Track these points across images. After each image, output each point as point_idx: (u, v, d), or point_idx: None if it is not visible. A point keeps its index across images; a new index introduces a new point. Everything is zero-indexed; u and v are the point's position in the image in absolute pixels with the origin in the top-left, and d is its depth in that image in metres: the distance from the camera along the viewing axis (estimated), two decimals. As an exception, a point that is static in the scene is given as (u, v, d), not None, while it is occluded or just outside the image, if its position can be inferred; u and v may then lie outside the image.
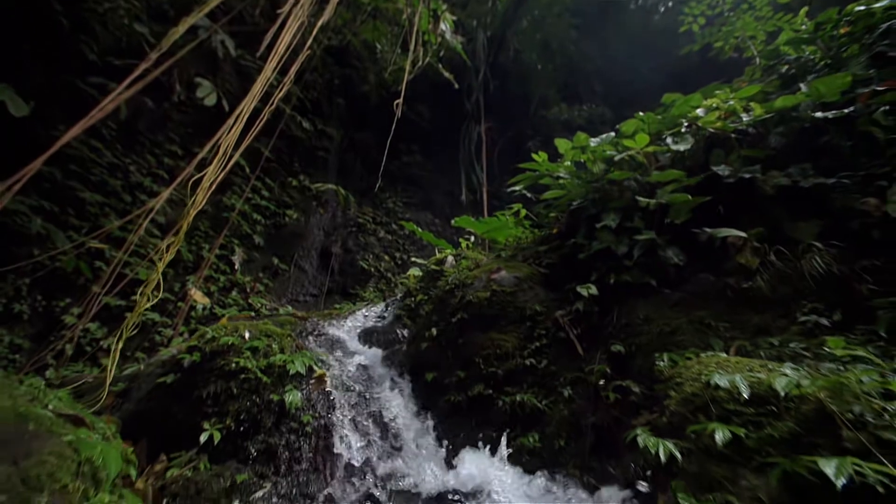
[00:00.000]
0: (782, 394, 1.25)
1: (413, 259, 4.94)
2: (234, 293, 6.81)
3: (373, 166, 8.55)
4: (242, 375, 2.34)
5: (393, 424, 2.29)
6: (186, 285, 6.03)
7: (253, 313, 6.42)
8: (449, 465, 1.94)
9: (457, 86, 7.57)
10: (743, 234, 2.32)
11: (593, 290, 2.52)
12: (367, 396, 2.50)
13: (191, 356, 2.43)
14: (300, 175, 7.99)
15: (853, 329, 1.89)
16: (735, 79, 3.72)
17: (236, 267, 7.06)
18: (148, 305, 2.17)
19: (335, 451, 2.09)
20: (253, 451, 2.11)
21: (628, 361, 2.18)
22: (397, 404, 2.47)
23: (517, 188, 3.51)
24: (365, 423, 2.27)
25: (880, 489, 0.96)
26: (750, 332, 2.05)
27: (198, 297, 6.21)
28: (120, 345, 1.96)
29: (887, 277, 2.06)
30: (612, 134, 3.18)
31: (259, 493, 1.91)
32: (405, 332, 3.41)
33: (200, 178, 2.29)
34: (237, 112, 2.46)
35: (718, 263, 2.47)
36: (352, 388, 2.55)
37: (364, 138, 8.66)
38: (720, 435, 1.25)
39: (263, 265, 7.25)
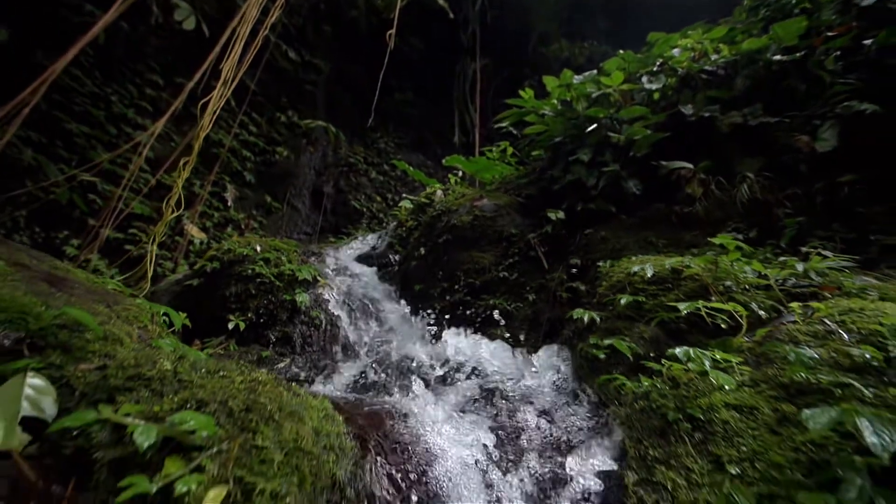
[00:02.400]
0: (668, 268, 1.77)
1: (404, 195, 5.32)
2: (229, 229, 7.20)
3: (363, 103, 8.52)
4: (258, 279, 2.83)
5: (386, 320, 2.86)
6: (182, 220, 6.38)
7: (250, 247, 6.85)
8: (432, 343, 2.52)
9: (452, 15, 7.37)
10: (691, 167, 2.75)
11: (561, 215, 2.99)
12: (365, 301, 3.05)
13: (212, 264, 2.90)
14: (288, 111, 7.99)
15: (764, 243, 2.41)
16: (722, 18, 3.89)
17: (229, 203, 7.37)
18: (173, 216, 2.57)
19: (340, 336, 2.66)
20: (272, 337, 2.67)
21: (582, 271, 2.71)
22: (390, 307, 3.03)
23: (504, 124, 3.82)
24: (364, 318, 2.82)
25: (705, 314, 1.50)
26: (682, 246, 2.56)
27: (194, 231, 6.62)
28: (155, 246, 2.40)
29: (803, 203, 2.54)
30: (595, 72, 3.43)
31: (281, 365, 2.49)
32: (397, 257, 3.90)
33: (207, 101, 2.56)
34: (236, 34, 2.65)
35: (671, 193, 2.92)
36: (352, 294, 3.09)
37: (354, 72, 8.52)
38: (624, 300, 1.79)
39: (256, 203, 7.56)
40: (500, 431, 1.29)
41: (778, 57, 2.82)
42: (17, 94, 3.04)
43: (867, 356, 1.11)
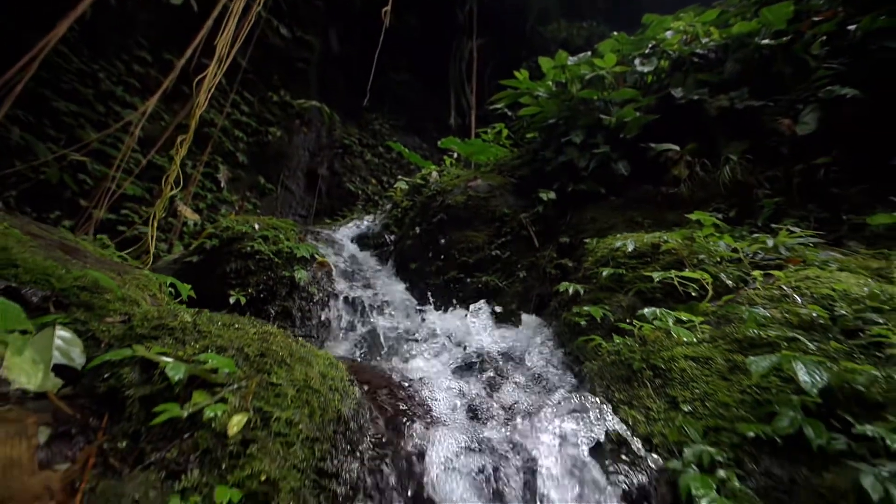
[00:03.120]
0: (648, 243, 1.91)
1: (399, 177, 5.39)
2: (223, 210, 7.23)
3: (357, 84, 8.45)
4: (258, 256, 2.94)
5: (383, 296, 2.99)
6: (175, 201, 6.40)
7: (245, 229, 6.92)
8: (427, 317, 2.67)
9: (448, -8, 7.27)
10: (677, 149, 2.86)
11: (552, 195, 3.10)
12: (361, 278, 3.17)
13: (211, 241, 3.00)
14: (280, 90, 7.92)
15: (743, 222, 2.56)
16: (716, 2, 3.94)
17: (222, 185, 7.37)
18: (172, 193, 2.66)
19: (338, 311, 2.80)
20: (272, 311, 2.79)
21: (571, 249, 2.84)
22: (386, 284, 3.16)
23: (498, 106, 3.88)
24: (360, 294, 2.96)
25: (677, 283, 1.65)
26: (666, 225, 2.70)
27: (187, 213, 6.65)
28: (156, 221, 2.49)
29: (782, 185, 2.68)
30: (589, 53, 3.49)
31: (281, 336, 2.62)
32: (392, 237, 4.02)
33: (203, 78, 2.61)
34: (229, 10, 2.68)
35: (659, 175, 3.04)
36: (348, 272, 3.21)
37: (347, 51, 8.42)
38: (606, 272, 1.93)
39: (250, 184, 7.57)
40: (486, 383, 1.45)
41: (766, 41, 2.91)
42: (4, 73, 3.04)
43: (814, 315, 1.27)
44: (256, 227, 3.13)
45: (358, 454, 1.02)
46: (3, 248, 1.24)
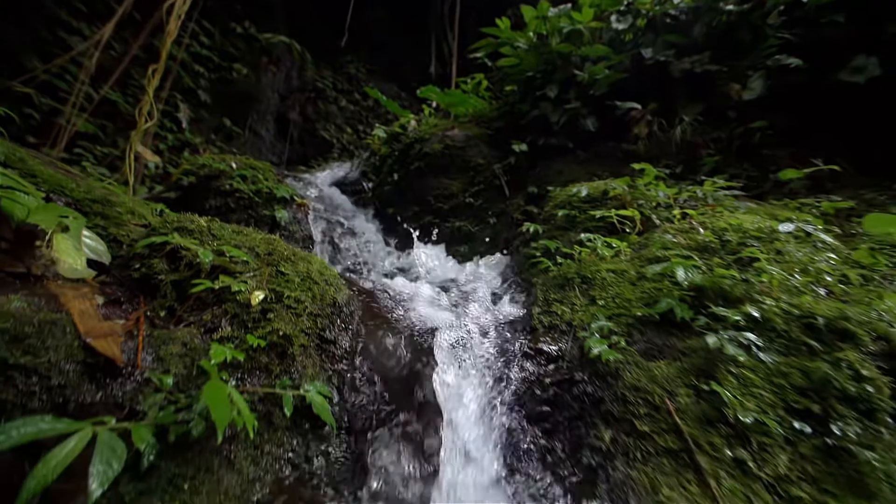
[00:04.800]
0: (599, 189, 2.27)
1: (377, 125, 5.46)
2: (185, 153, 7.04)
3: (331, 20, 8.07)
4: (237, 194, 3.10)
5: (362, 237, 3.27)
6: (133, 141, 6.18)
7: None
8: (404, 256, 2.99)
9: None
10: (640, 107, 3.19)
11: (524, 147, 3.39)
12: (341, 220, 3.42)
13: (188, 178, 3.11)
14: (244, 21, 7.48)
15: (687, 177, 2.97)
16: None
17: (184, 125, 7.11)
18: (147, 125, 2.73)
19: (319, 250, 3.06)
20: (254, 247, 3.02)
21: (538, 198, 3.19)
22: (365, 226, 3.43)
23: (479, 55, 4.01)
24: (340, 234, 3.22)
25: (616, 220, 2.04)
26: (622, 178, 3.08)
27: (147, 154, 6.47)
28: (133, 153, 2.60)
29: (724, 145, 3.09)
30: (570, 5, 3.64)
31: (265, 270, 2.87)
32: (370, 185, 4.22)
33: (173, 4, 2.60)
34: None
35: (623, 132, 3.38)
36: (328, 213, 3.44)
37: (320, -19, 7.93)
38: (561, 213, 2.30)
39: (214, 126, 7.33)
40: (457, 296, 1.81)
41: (731, 7, 3.18)
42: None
43: (708, 240, 1.68)
44: (234, 165, 3.26)
45: (350, 331, 1.36)
46: (21, 160, 1.41)
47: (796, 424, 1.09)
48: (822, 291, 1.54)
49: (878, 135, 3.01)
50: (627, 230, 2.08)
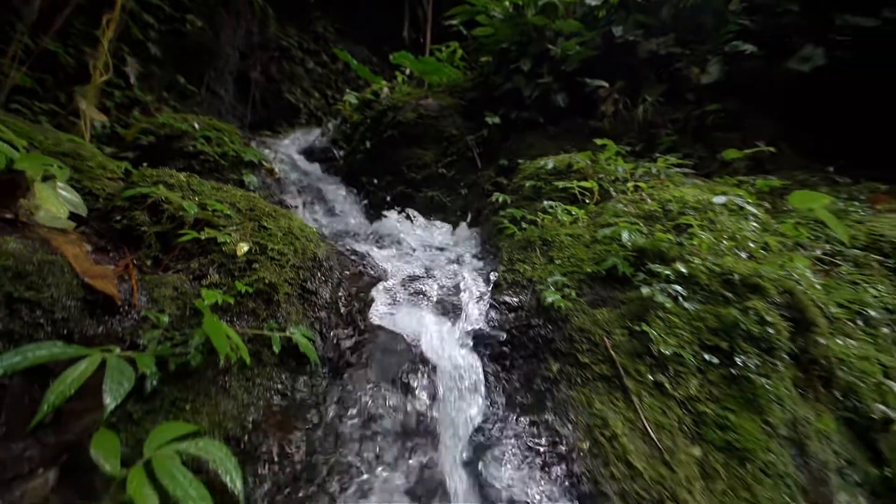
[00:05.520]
0: (564, 163, 2.48)
1: (349, 91, 5.38)
2: (135, 112, 6.60)
3: (296, -28, 7.63)
4: (202, 157, 3.06)
5: (334, 204, 3.34)
6: (75, 97, 5.76)
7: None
8: (376, 223, 3.11)
9: None
10: (607, 85, 3.39)
11: (497, 120, 3.53)
12: (312, 188, 3.46)
13: (147, 137, 3.03)
14: (198, -34, 6.93)
15: (645, 155, 3.24)
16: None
17: (132, 81, 6.64)
18: (102, 80, 2.63)
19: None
20: (222, 212, 3.02)
21: (508, 171, 3.37)
22: (336, 194, 3.49)
23: (454, 22, 4.04)
24: (311, 201, 3.27)
25: (577, 191, 2.26)
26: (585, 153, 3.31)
27: (93, 112, 6.06)
28: (82, 101, 2.51)
29: (681, 126, 3.38)
30: (546, -23, 3.72)
31: (234, 235, 2.91)
32: (341, 153, 4.23)
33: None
34: None
35: (591, 109, 3.59)
36: (298, 181, 3.46)
37: (284, -73, 7.44)
38: (528, 184, 2.49)
39: (166, 83, 6.89)
40: (427, 258, 1.98)
41: (694, -10, 3.39)
42: None
43: (652, 209, 1.93)
44: (196, 126, 3.19)
45: (330, 284, 1.50)
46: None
47: (707, 357, 1.37)
48: (743, 255, 1.83)
49: (816, 121, 3.39)
50: (587, 200, 2.31)
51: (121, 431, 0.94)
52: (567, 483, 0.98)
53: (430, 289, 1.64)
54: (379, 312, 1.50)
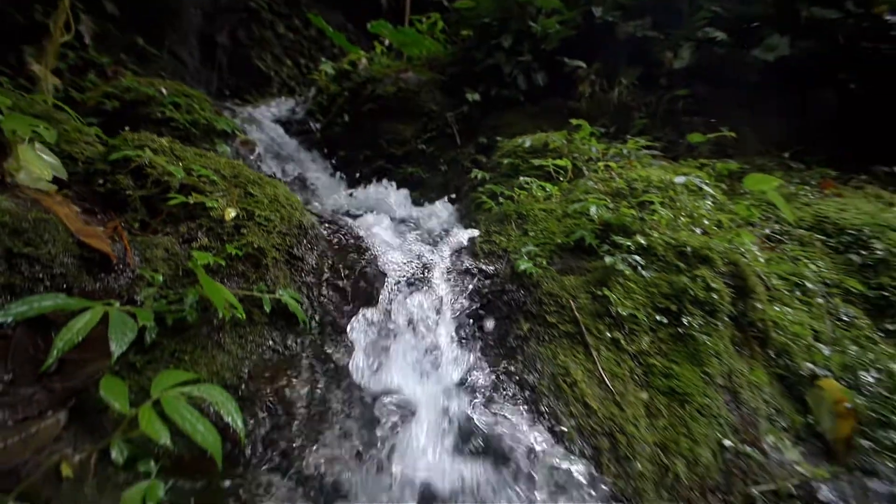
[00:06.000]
0: (541, 141, 2.61)
1: (324, 60, 5.26)
2: (91, 76, 6.20)
3: (266, -74, 7.20)
4: (172, 124, 3.00)
5: (310, 177, 3.36)
6: (26, 58, 5.35)
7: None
8: (355, 196, 3.17)
9: None
10: (585, 66, 3.51)
11: (477, 97, 3.60)
12: (288, 159, 3.45)
13: (111, 102, 2.93)
14: (156, -86, 6.45)
15: (618, 136, 3.42)
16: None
17: (87, 41, 6.20)
18: (63, 40, 2.51)
19: (267, 187, 3.12)
20: (195, 183, 3.00)
21: (487, 148, 3.48)
22: (314, 167, 3.50)
23: (435, -8, 4.01)
24: (288, 173, 3.28)
25: (552, 169, 2.40)
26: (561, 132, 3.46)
27: (46, 75, 5.68)
28: (53, 60, 2.42)
29: (652, 109, 3.57)
30: (529, -50, 3.75)
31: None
32: (318, 125, 4.20)
33: None
34: None
35: (570, 89, 3.71)
36: (275, 153, 3.44)
37: None
38: (506, 161, 2.61)
39: (125, 45, 6.47)
40: (409, 228, 2.09)
41: (671, -26, 3.52)
42: None
43: (619, 187, 2.10)
44: (164, 91, 3.10)
45: (315, 251, 1.59)
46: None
47: (658, 318, 1.57)
48: (698, 230, 2.04)
49: (777, 108, 3.66)
50: (561, 177, 2.46)
51: (125, 379, 1.03)
52: (533, 418, 1.15)
53: (411, 259, 1.76)
54: (364, 278, 1.61)
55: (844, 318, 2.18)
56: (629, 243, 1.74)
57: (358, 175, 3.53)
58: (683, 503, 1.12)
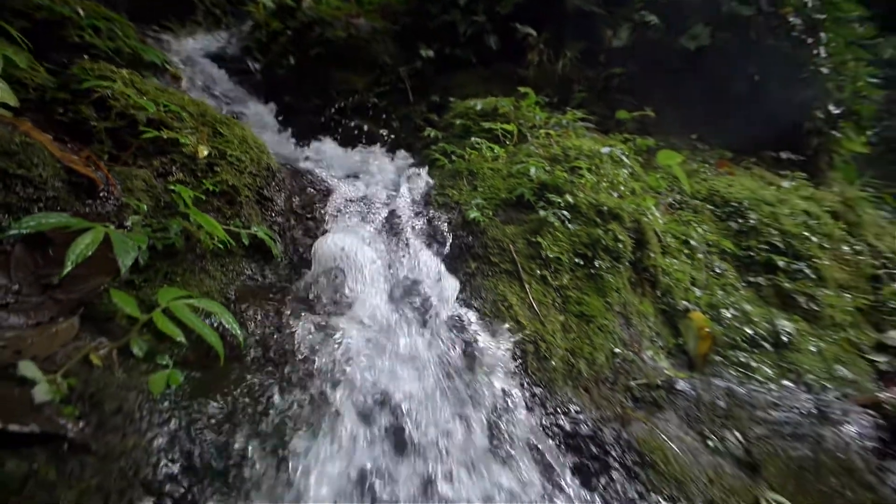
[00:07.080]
0: (491, 105, 2.91)
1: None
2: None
3: None
4: (93, 51, 2.77)
5: (256, 124, 3.33)
6: None
7: None
8: (304, 148, 3.24)
9: None
10: (535, 34, 3.82)
11: (431, 53, 3.76)
12: (227, 97, 3.37)
13: (17, 20, 2.63)
14: None
15: (560, 107, 3.83)
16: None
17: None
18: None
19: (207, 130, 3.06)
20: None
21: (439, 107, 3.69)
22: (258, 112, 3.46)
23: (390, -66, 3.96)
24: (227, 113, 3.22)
25: (500, 132, 2.73)
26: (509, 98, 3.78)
27: None
28: None
29: (591, 84, 4.01)
30: None
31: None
32: (257, 65, 4.05)
33: None
34: None
35: (521, 56, 4.00)
36: (210, 89, 3.33)
37: None
38: (458, 122, 2.88)
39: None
40: (367, 183, 2.31)
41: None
42: None
43: (556, 153, 2.50)
44: (81, 12, 2.83)
45: (283, 193, 1.77)
46: None
47: (577, 260, 2.02)
48: (615, 194, 2.53)
49: (692, 93, 4.30)
50: (507, 141, 2.80)
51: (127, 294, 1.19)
52: (475, 331, 1.53)
53: (371, 207, 2.01)
54: (328, 219, 1.83)
55: (717, 271, 2.86)
56: (560, 201, 2.15)
57: (307, 125, 3.55)
58: (583, 390, 1.59)
